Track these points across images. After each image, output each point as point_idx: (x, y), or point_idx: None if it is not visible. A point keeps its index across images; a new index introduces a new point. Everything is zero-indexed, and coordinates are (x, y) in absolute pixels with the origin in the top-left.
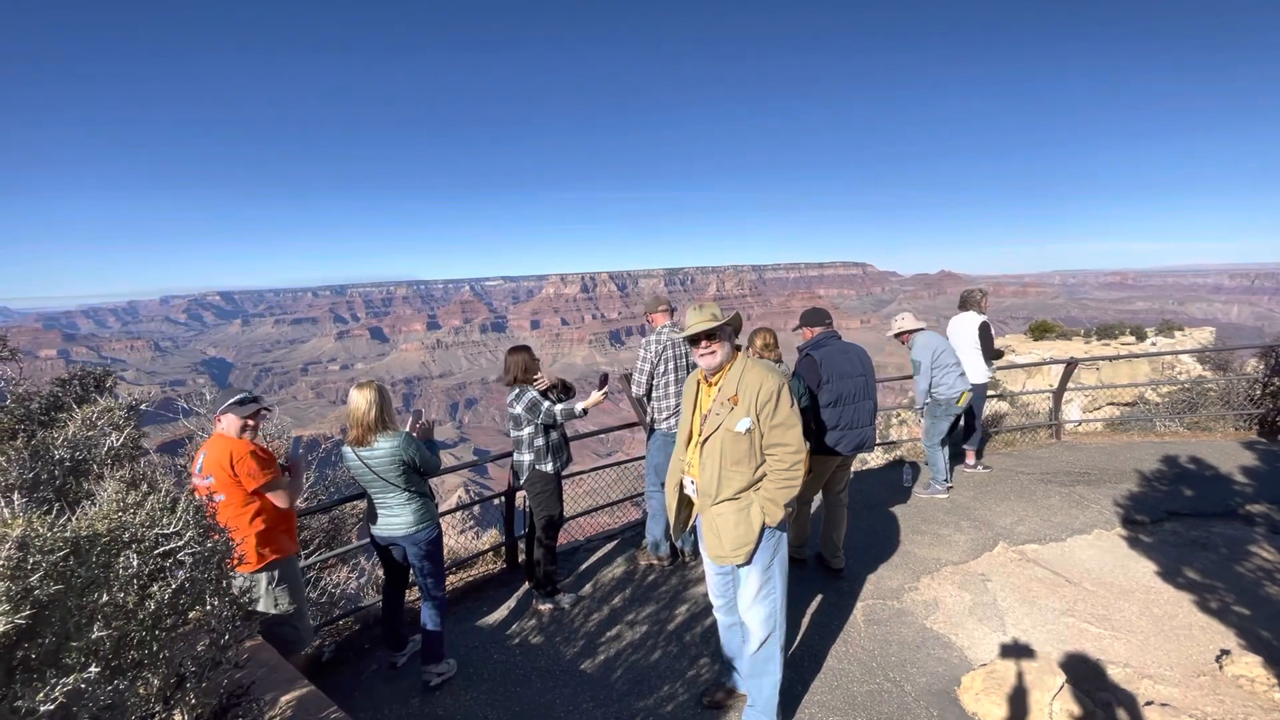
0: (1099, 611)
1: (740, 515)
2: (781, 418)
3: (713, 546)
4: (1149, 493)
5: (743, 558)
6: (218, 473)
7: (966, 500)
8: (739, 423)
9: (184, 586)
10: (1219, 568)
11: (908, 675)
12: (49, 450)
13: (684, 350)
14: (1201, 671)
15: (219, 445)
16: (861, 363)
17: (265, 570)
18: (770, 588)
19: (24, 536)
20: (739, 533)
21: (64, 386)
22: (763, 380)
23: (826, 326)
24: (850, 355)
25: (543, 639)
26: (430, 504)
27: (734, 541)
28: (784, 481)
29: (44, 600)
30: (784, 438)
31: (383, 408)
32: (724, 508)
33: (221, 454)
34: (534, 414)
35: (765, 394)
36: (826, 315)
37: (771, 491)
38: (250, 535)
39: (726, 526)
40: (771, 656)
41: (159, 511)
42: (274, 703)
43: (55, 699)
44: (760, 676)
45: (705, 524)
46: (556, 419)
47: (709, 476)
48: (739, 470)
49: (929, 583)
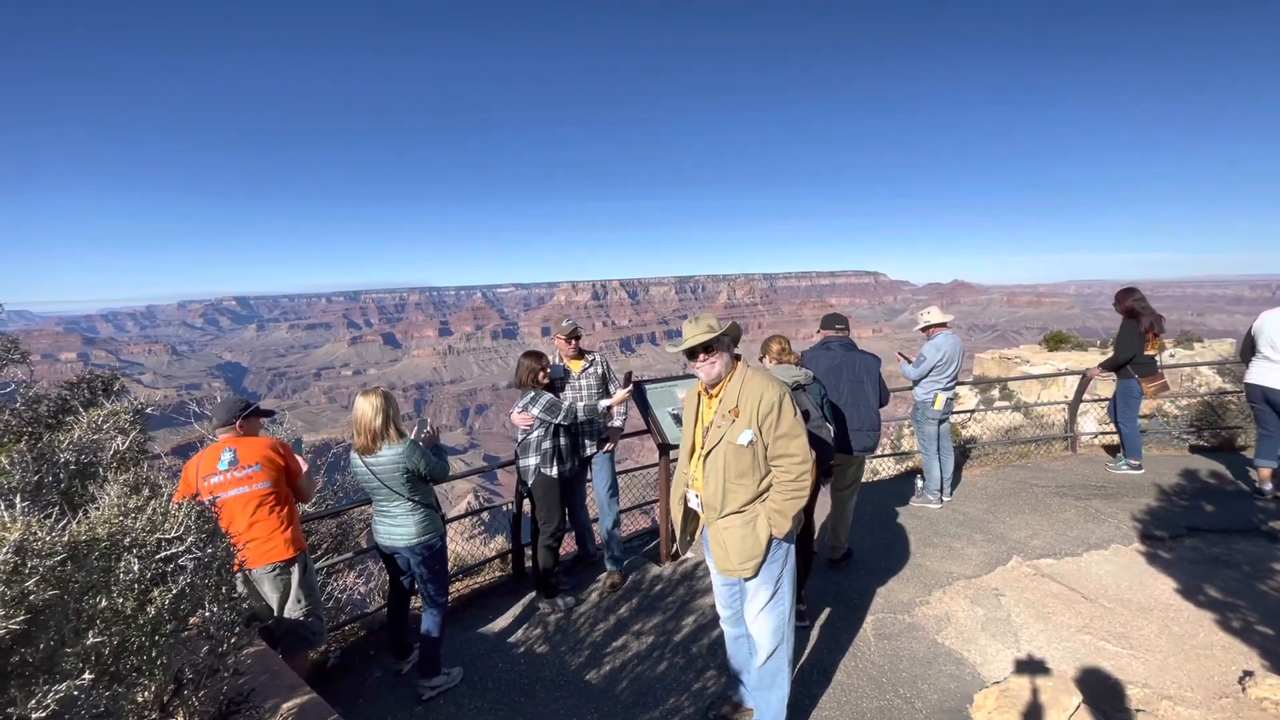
0: (1116, 629)
1: (747, 528)
2: (784, 428)
3: (720, 560)
4: (1168, 507)
5: (750, 571)
6: (265, 463)
7: (979, 513)
8: (741, 435)
9: (184, 592)
10: (1242, 586)
11: (919, 692)
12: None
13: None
14: (1224, 693)
15: (254, 440)
16: (862, 369)
17: (299, 558)
18: (778, 599)
19: (22, 540)
20: (746, 546)
21: (72, 390)
22: (763, 391)
23: (837, 331)
24: (850, 360)
25: (548, 648)
26: (435, 514)
27: (741, 555)
28: (791, 493)
29: (39, 605)
30: (788, 448)
31: (389, 415)
32: (730, 521)
33: (261, 445)
34: (553, 413)
35: (766, 405)
36: (838, 320)
37: (778, 503)
38: (292, 524)
39: (733, 540)
40: (779, 669)
41: (161, 516)
42: (275, 710)
43: (48, 706)
44: (768, 690)
45: (712, 537)
46: (578, 416)
47: (713, 490)
48: (743, 483)
49: (941, 597)
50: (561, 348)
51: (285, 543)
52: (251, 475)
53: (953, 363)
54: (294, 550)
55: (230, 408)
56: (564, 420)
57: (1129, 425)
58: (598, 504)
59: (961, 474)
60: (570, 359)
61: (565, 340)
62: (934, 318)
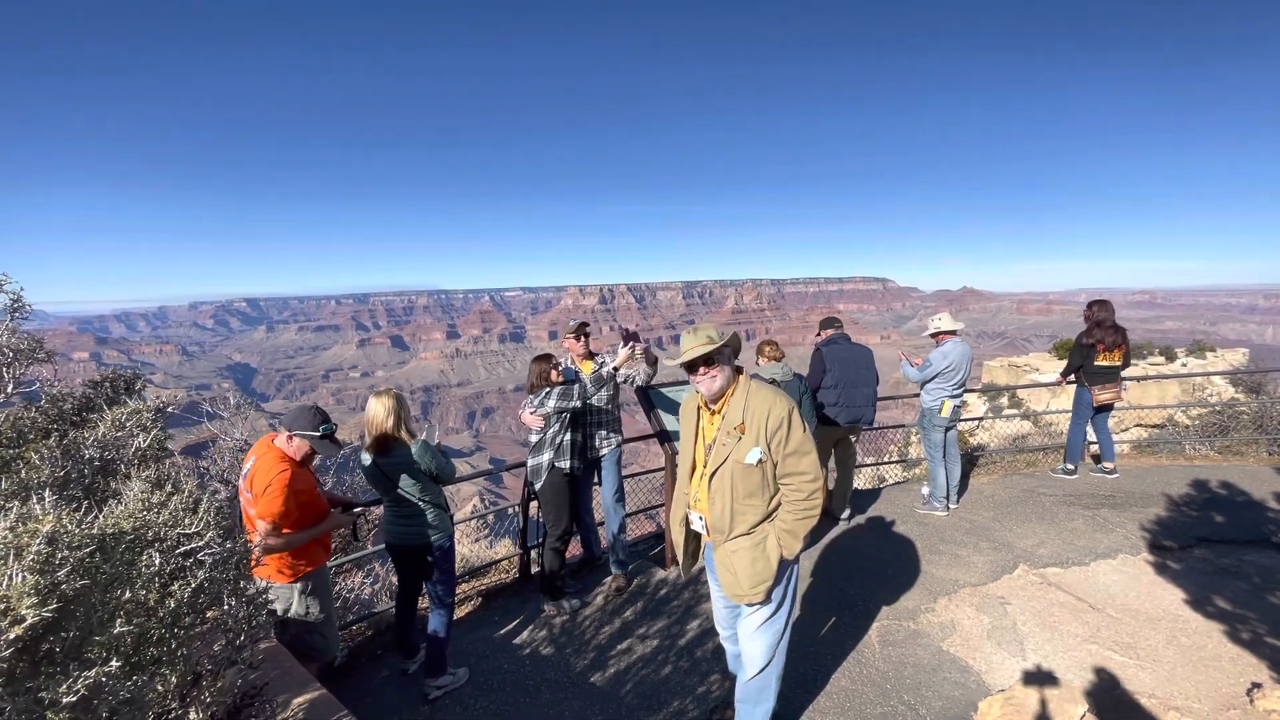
0: (1123, 639)
1: (757, 551)
2: (795, 444)
3: (729, 585)
4: (1177, 517)
5: (762, 595)
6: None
7: (986, 521)
8: (749, 453)
9: (203, 586)
10: (1251, 597)
11: (923, 699)
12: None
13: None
14: (1232, 705)
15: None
16: (863, 358)
17: (299, 581)
18: (776, 619)
19: (53, 532)
20: (757, 569)
21: (96, 388)
22: (770, 405)
23: (838, 329)
24: (853, 351)
25: (553, 650)
26: (444, 514)
27: (752, 579)
28: (802, 512)
29: (70, 595)
30: (799, 465)
31: (401, 416)
32: (738, 544)
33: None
34: (569, 399)
35: (775, 420)
36: (837, 320)
37: (789, 523)
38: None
39: (743, 564)
40: (766, 686)
41: (181, 512)
42: (286, 704)
43: (77, 691)
44: (753, 704)
45: (719, 562)
46: (590, 390)
47: (720, 512)
48: (752, 504)
49: (946, 604)
50: (571, 346)
51: (276, 571)
52: (250, 499)
53: (960, 370)
54: (287, 578)
55: (296, 417)
56: (578, 401)
57: (1074, 431)
58: (604, 508)
59: (969, 481)
60: (580, 359)
61: (574, 338)
62: (944, 324)
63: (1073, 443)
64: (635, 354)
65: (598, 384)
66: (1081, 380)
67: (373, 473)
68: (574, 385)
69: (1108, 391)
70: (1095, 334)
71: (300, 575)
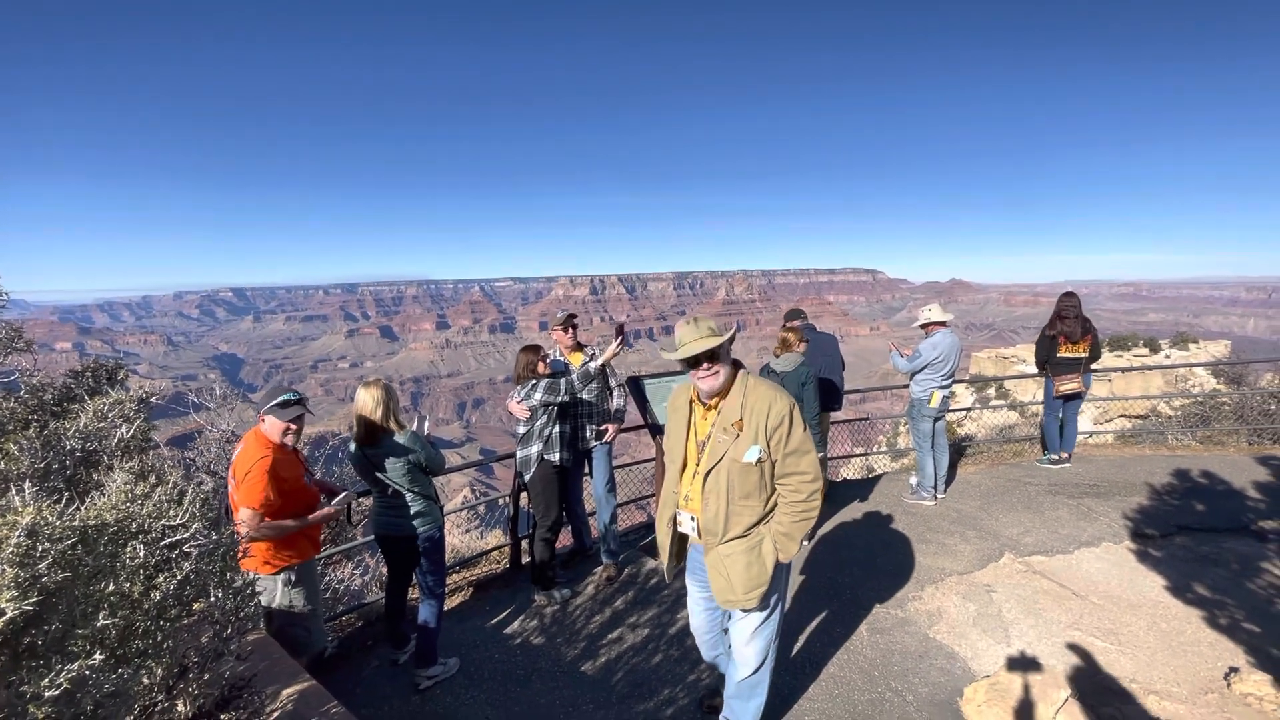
0: (1106, 625)
1: (752, 554)
2: (795, 443)
3: (722, 591)
4: (1159, 506)
5: (755, 602)
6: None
7: (972, 510)
8: (747, 452)
9: (189, 578)
10: (1229, 584)
11: (910, 685)
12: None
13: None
14: (1209, 689)
15: (255, 450)
16: (829, 346)
17: (282, 573)
18: (769, 622)
19: (33, 524)
20: (752, 574)
21: (77, 378)
22: (771, 402)
23: (803, 319)
24: (819, 340)
25: (544, 639)
26: (434, 505)
27: (746, 584)
28: (801, 514)
29: (51, 588)
30: (799, 465)
31: (389, 407)
32: (732, 547)
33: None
34: (555, 393)
35: (776, 417)
36: (802, 312)
37: (786, 525)
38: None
39: (737, 569)
40: (760, 682)
41: (166, 503)
42: (275, 696)
43: (60, 685)
44: (745, 700)
45: (711, 566)
46: (576, 385)
47: (713, 513)
48: (748, 505)
49: (933, 592)
50: (560, 339)
51: (261, 563)
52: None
53: (949, 361)
54: (271, 570)
55: (264, 398)
56: (565, 396)
57: (1047, 421)
58: (595, 498)
59: (956, 471)
60: (569, 351)
61: (563, 329)
62: (934, 315)
63: (1048, 433)
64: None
65: (584, 380)
66: (1047, 371)
67: (361, 463)
68: (560, 380)
69: (1068, 382)
70: (1057, 326)
71: (284, 567)
